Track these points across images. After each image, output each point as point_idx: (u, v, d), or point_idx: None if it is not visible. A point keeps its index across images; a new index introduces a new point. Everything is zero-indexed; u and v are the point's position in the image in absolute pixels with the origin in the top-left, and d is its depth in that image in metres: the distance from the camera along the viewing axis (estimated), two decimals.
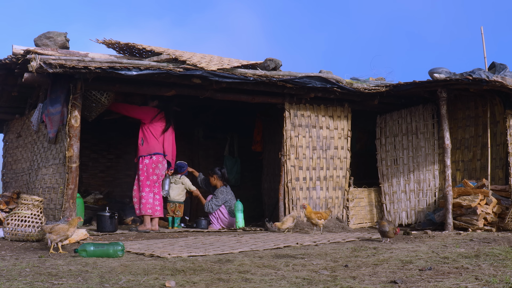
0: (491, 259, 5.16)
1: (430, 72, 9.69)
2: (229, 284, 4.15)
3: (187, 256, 5.65)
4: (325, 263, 5.16)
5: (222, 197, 9.70)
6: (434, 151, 9.59)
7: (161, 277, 4.41)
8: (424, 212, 9.47)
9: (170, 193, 9.40)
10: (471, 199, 8.50)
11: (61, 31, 8.60)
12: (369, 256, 5.64)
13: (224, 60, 9.00)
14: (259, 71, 8.68)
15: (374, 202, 10.17)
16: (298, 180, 9.40)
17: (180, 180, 9.55)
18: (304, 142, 9.51)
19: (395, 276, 4.41)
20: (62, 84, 7.79)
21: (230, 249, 6.21)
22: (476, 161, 9.44)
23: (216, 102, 10.16)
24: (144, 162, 8.79)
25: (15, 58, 7.82)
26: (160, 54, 8.53)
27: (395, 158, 10.06)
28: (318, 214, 8.27)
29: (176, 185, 9.50)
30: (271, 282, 4.19)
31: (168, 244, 6.83)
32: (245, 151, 12.34)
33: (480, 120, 9.47)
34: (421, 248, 6.17)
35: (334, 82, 9.17)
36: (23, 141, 10.10)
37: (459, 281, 4.12)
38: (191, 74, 8.06)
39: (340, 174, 9.79)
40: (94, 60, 7.58)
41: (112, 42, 9.10)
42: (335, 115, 9.80)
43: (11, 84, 9.29)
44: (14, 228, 7.12)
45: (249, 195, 11.70)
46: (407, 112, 10.01)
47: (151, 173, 8.78)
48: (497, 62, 9.89)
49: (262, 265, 5.06)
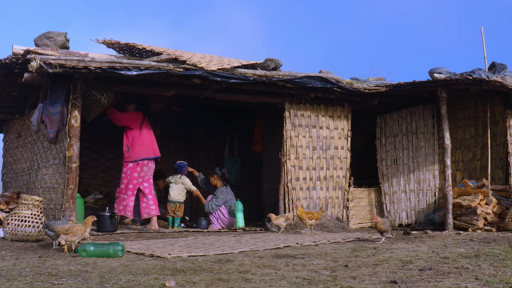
0: (491, 259, 5.16)
1: (430, 72, 9.70)
2: (229, 284, 4.15)
3: (187, 256, 5.65)
4: (325, 263, 5.16)
5: (223, 197, 9.69)
6: (434, 151, 9.59)
7: (161, 277, 4.41)
8: (424, 212, 9.48)
9: (171, 193, 9.40)
10: (471, 199, 8.50)
11: (61, 31, 8.60)
12: (369, 256, 5.64)
13: (224, 60, 9.00)
14: (259, 71, 8.68)
15: (374, 202, 10.17)
16: (298, 180, 9.40)
17: (180, 180, 9.55)
18: (304, 142, 9.51)
19: (395, 276, 4.41)
20: (62, 84, 7.79)
21: (230, 249, 6.21)
22: (476, 161, 9.44)
23: (216, 102, 10.16)
24: (128, 166, 8.89)
25: (15, 58, 7.81)
26: (160, 54, 8.52)
27: (395, 158, 10.06)
28: (309, 215, 8.25)
29: (176, 185, 9.50)
30: (271, 282, 4.19)
31: (168, 244, 6.83)
32: (245, 151, 12.34)
33: (480, 120, 9.47)
34: (421, 248, 6.17)
35: (334, 82, 9.17)
36: (23, 141, 10.10)
37: (459, 281, 4.12)
38: (191, 74, 8.06)
39: (340, 174, 9.79)
40: (94, 60, 7.58)
41: (112, 42, 9.09)
42: (335, 115, 9.80)
43: (11, 84, 9.29)
44: (14, 228, 7.12)
45: (249, 195, 11.70)
46: (407, 112, 10.01)
47: (135, 177, 8.85)
48: (497, 62, 9.89)
49: (262, 265, 5.06)
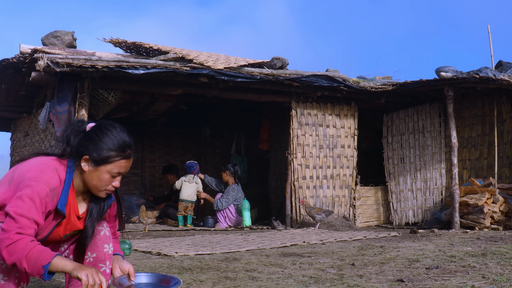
0: (498, 258, 5.15)
1: (437, 70, 9.68)
2: (236, 282, 4.16)
3: (194, 255, 5.66)
4: (332, 262, 5.17)
5: (233, 195, 9.66)
6: (440, 149, 9.57)
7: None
8: (431, 211, 9.46)
9: (184, 192, 9.39)
10: (478, 198, 8.48)
11: (69, 30, 8.63)
12: (376, 254, 5.64)
13: (231, 58, 9.01)
14: (265, 70, 8.69)
15: (381, 201, 10.16)
16: (305, 178, 9.41)
17: (194, 180, 9.55)
18: (311, 140, 9.51)
19: (401, 274, 4.41)
20: (69, 83, 7.82)
21: (237, 248, 6.22)
22: (483, 159, 9.42)
23: (223, 101, 10.18)
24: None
25: (23, 57, 7.85)
26: (167, 53, 8.54)
27: (402, 156, 10.05)
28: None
29: (190, 184, 9.50)
30: (278, 281, 4.20)
31: (175, 242, 6.85)
32: (252, 149, 12.36)
33: (487, 118, 9.44)
34: (428, 247, 6.16)
35: (340, 81, 9.17)
36: (31, 139, 10.14)
37: (466, 279, 4.12)
38: (198, 73, 8.08)
39: (347, 173, 9.79)
40: (101, 59, 7.61)
41: (119, 41, 9.12)
42: (341, 114, 9.80)
43: (19, 83, 9.34)
44: None
45: (256, 194, 11.71)
46: (413, 110, 10.00)
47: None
48: (504, 61, 9.86)
49: (269, 264, 5.07)
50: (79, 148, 2.77)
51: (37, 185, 2.59)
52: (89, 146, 2.75)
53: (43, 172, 2.66)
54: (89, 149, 2.74)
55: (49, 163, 2.73)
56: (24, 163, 2.77)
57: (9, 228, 2.50)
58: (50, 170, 2.69)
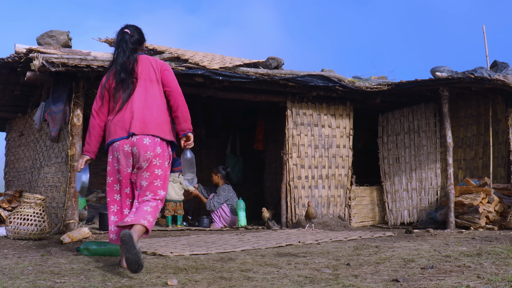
0: (493, 258, 5.16)
1: (432, 70, 9.69)
2: (231, 282, 4.16)
3: (189, 255, 5.66)
4: (327, 262, 5.17)
5: (224, 195, 9.69)
6: (436, 149, 9.59)
7: (163, 276, 4.42)
8: (426, 211, 9.48)
9: (170, 192, 9.35)
10: (473, 198, 8.50)
11: (64, 30, 8.60)
12: (371, 254, 5.64)
13: (226, 58, 9.01)
14: (261, 70, 8.68)
15: (376, 201, 10.17)
16: (300, 178, 9.41)
17: (178, 179, 9.52)
18: (306, 140, 9.52)
19: (397, 274, 4.41)
20: (64, 82, 7.80)
21: (232, 248, 6.22)
22: (478, 159, 9.44)
23: (218, 101, 10.17)
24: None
25: (18, 56, 7.82)
26: (162, 53, 8.53)
27: (397, 156, 10.06)
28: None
29: (174, 183, 9.48)
30: (273, 281, 4.19)
31: (170, 242, 6.84)
32: (247, 149, 12.35)
33: (482, 118, 9.46)
34: (423, 247, 6.17)
35: (336, 81, 9.17)
36: (26, 139, 10.12)
37: (461, 279, 4.12)
38: (193, 73, 8.07)
39: (342, 173, 9.80)
40: (96, 59, 7.59)
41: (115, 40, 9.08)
42: (337, 114, 9.81)
43: (14, 82, 9.31)
44: (16, 226, 7.13)
45: (251, 194, 11.71)
46: (409, 110, 10.01)
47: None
48: (499, 61, 9.86)
49: (264, 264, 5.07)
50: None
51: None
52: None
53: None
54: None
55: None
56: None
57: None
58: None
